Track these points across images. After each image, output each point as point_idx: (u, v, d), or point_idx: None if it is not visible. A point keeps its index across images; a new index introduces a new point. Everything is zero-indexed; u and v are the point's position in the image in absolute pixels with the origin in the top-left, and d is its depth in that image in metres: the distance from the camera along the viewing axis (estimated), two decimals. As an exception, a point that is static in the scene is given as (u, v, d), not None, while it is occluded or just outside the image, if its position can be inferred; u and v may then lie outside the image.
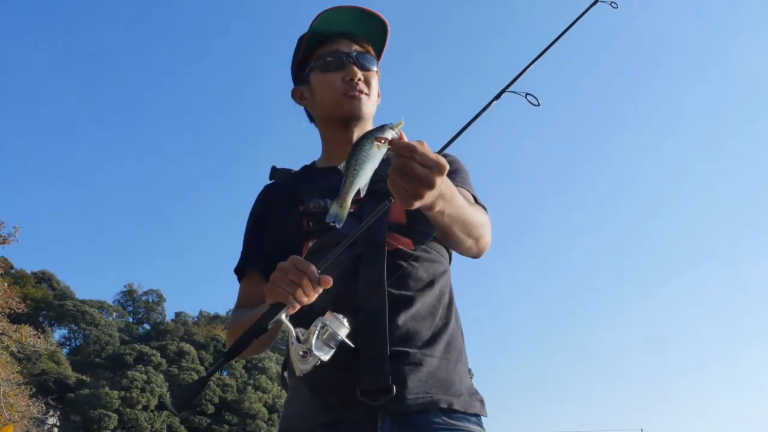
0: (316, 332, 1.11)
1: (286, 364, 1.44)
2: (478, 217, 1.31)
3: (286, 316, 1.13)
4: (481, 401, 1.34)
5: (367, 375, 1.23)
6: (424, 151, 1.00)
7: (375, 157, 0.98)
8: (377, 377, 1.23)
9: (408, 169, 0.99)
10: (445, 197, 1.10)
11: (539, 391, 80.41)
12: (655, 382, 77.07)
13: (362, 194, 1.06)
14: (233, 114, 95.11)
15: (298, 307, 1.13)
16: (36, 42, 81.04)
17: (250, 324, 1.24)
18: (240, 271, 1.50)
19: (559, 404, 76.27)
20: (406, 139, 1.03)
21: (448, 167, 1.03)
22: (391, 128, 1.00)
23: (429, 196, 1.03)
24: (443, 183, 1.04)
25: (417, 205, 1.04)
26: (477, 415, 1.32)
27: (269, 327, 1.13)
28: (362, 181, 0.99)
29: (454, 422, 1.26)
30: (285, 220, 1.45)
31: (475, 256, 1.40)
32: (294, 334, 1.13)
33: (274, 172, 1.56)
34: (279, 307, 1.13)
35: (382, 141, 0.97)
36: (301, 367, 1.12)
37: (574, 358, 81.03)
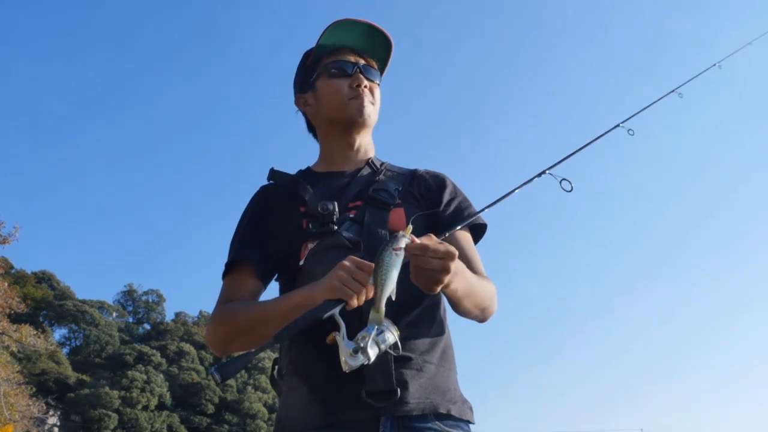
0: (373, 333, 1.17)
1: (277, 364, 1.45)
2: (486, 290, 1.41)
3: (339, 313, 1.19)
4: (471, 408, 1.39)
5: (373, 377, 1.25)
6: (435, 246, 1.15)
7: (396, 264, 1.13)
8: (383, 379, 1.25)
9: (425, 263, 1.14)
10: (457, 275, 1.23)
11: (540, 391, 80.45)
12: (655, 381, 77.13)
13: (393, 298, 1.18)
14: (236, 114, 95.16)
15: (354, 306, 1.18)
16: (36, 42, 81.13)
17: (265, 313, 1.30)
18: (232, 263, 1.48)
19: (560, 404, 76.32)
20: (416, 240, 1.16)
21: (457, 253, 1.16)
22: (403, 236, 1.15)
23: (447, 279, 1.17)
24: (455, 265, 1.17)
25: (438, 289, 1.18)
26: (467, 422, 1.37)
27: (324, 317, 1.18)
28: (390, 287, 1.14)
29: (449, 429, 1.30)
30: (284, 220, 1.47)
31: (480, 322, 1.46)
32: (344, 331, 1.18)
33: (273, 173, 1.57)
34: (339, 302, 1.18)
35: (399, 250, 1.13)
36: (351, 363, 1.16)
37: (574, 358, 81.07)
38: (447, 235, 1.45)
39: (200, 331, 55.39)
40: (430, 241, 1.17)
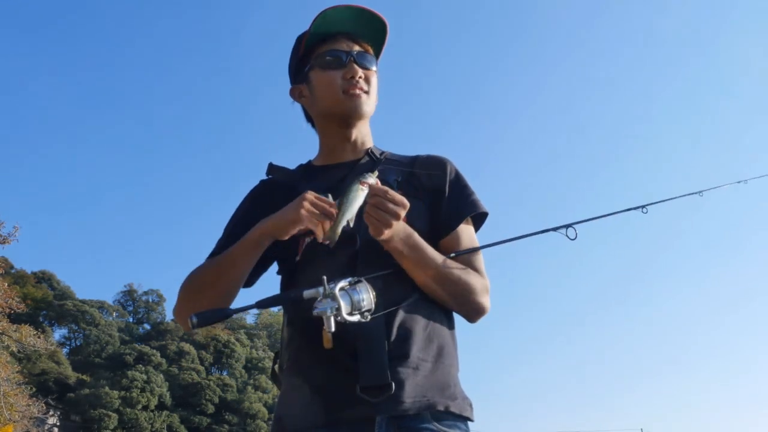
0: (345, 282, 1.19)
1: (277, 359, 1.44)
2: (459, 276, 1.37)
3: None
4: (471, 406, 1.37)
5: (367, 372, 1.24)
6: (393, 192, 1.25)
7: (360, 196, 1.25)
8: (377, 374, 1.24)
9: (382, 205, 1.23)
10: (410, 237, 1.33)
11: (540, 391, 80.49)
12: (654, 382, 77.17)
13: (351, 225, 1.25)
14: (236, 113, 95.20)
15: (320, 236, 1.25)
16: (35, 39, 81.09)
17: (229, 256, 1.37)
18: (211, 256, 1.46)
19: (560, 404, 76.35)
20: (380, 185, 1.27)
21: (408, 205, 1.26)
22: (371, 176, 1.26)
23: (396, 226, 1.26)
24: (400, 223, 1.29)
25: (387, 233, 1.26)
26: (467, 420, 1.35)
27: (306, 298, 1.18)
28: (350, 214, 1.25)
29: (446, 430, 1.27)
30: None
31: (467, 318, 1.43)
32: (325, 283, 1.18)
33: (272, 168, 1.55)
34: (318, 286, 1.18)
35: (365, 185, 1.24)
36: (318, 307, 1.16)
37: (574, 358, 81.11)
38: (450, 233, 1.44)
39: (200, 331, 55.36)
40: (391, 189, 1.27)
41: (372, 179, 1.26)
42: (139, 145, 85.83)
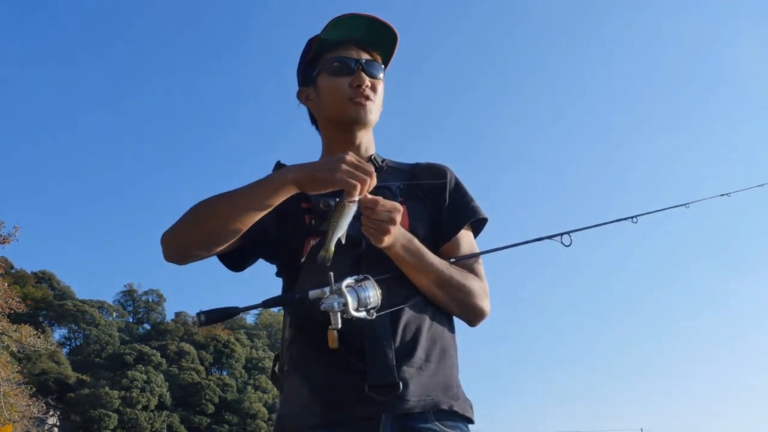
0: (351, 280, 1.20)
1: (278, 360, 1.46)
2: (459, 280, 1.38)
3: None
4: (472, 407, 1.38)
5: (375, 371, 1.26)
6: (383, 200, 1.26)
7: (349, 213, 1.24)
8: (385, 373, 1.26)
9: (375, 214, 1.24)
10: (410, 242, 1.34)
11: (540, 391, 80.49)
12: (655, 381, 77.17)
13: (343, 242, 1.25)
14: (236, 113, 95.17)
15: (354, 195, 1.21)
16: (34, 41, 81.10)
17: (238, 192, 1.30)
18: None
19: (559, 404, 76.33)
20: (368, 196, 1.26)
21: (402, 209, 1.27)
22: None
23: (394, 231, 1.27)
24: (398, 228, 1.29)
25: (386, 240, 1.27)
26: (468, 421, 1.36)
27: (311, 298, 1.21)
28: (341, 232, 1.25)
29: (449, 430, 1.29)
30: (286, 215, 1.45)
31: (468, 322, 1.45)
32: (332, 280, 1.19)
33: (279, 167, 1.53)
34: (324, 287, 1.19)
35: (353, 201, 1.24)
36: (325, 303, 1.17)
37: (574, 358, 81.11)
38: (451, 240, 1.46)
39: (200, 331, 55.34)
40: (380, 198, 1.27)
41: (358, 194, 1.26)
42: (139, 144, 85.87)
